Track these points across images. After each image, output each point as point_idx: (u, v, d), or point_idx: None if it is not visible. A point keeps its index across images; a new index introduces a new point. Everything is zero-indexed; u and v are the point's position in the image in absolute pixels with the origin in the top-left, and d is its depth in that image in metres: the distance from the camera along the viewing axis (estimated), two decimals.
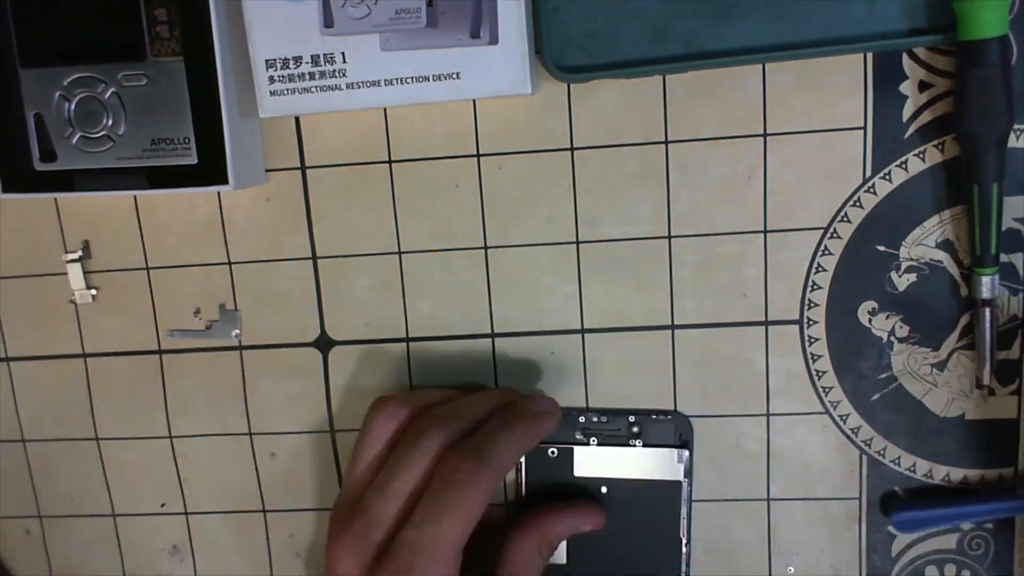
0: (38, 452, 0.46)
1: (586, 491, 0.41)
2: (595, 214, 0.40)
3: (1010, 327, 0.38)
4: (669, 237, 0.39)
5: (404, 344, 0.42)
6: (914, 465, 0.40)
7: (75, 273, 0.43)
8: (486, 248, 0.41)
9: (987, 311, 0.37)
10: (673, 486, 0.41)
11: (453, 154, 0.40)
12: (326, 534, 0.37)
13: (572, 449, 0.41)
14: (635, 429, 0.41)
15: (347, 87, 0.36)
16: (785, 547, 0.42)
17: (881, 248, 0.39)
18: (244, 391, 0.44)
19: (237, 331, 0.43)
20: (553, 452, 0.41)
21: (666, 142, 0.39)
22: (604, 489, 0.41)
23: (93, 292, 0.43)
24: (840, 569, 0.42)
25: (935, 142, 0.37)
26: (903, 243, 0.38)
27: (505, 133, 0.39)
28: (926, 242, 0.38)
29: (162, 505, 0.46)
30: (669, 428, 0.41)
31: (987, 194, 0.35)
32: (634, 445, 0.41)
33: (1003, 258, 0.38)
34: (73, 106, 0.38)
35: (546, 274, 0.40)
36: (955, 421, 0.40)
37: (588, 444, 0.41)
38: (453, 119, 0.40)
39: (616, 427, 0.41)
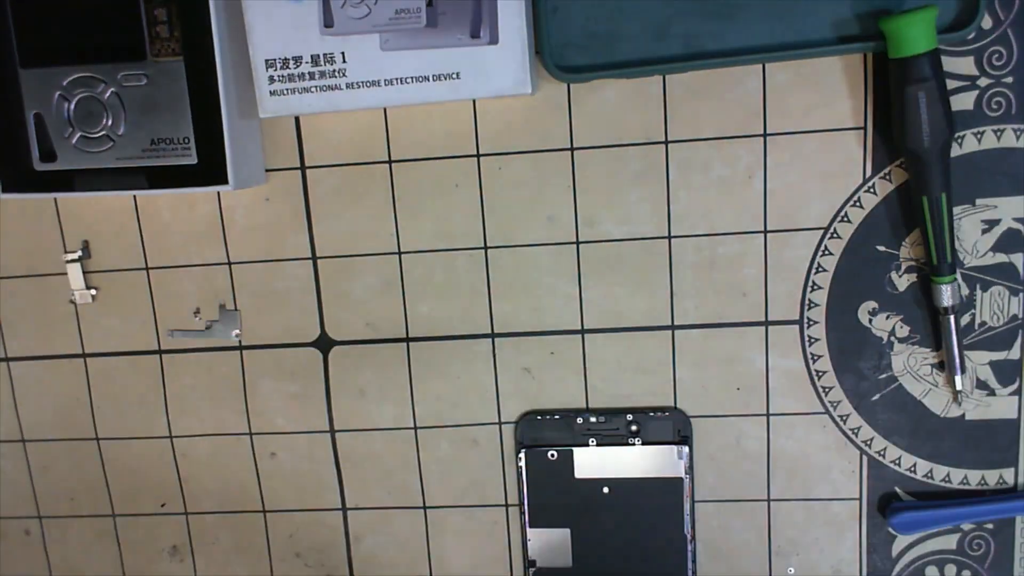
0: (38, 452, 0.46)
1: (587, 493, 0.41)
2: (595, 214, 0.40)
3: (1010, 327, 0.38)
4: (669, 237, 0.39)
5: (404, 344, 0.42)
6: (914, 465, 0.40)
7: (75, 273, 0.43)
8: (486, 248, 0.41)
9: (951, 318, 0.37)
10: (675, 483, 0.41)
11: (453, 154, 0.40)
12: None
13: (572, 451, 0.41)
14: (633, 427, 0.41)
15: (347, 87, 0.36)
16: (785, 547, 0.42)
17: (881, 248, 0.39)
18: (244, 391, 0.44)
19: (237, 331, 0.43)
20: (553, 455, 0.41)
21: (666, 142, 0.39)
22: (606, 490, 0.41)
23: (93, 292, 0.43)
24: (840, 569, 0.42)
25: None
26: (903, 243, 0.38)
27: (505, 133, 0.39)
28: None
29: (162, 505, 0.45)
30: (667, 425, 0.41)
31: (937, 206, 0.36)
32: (633, 444, 0.41)
33: (1003, 258, 0.38)
34: (73, 106, 0.38)
35: (546, 274, 0.40)
36: (955, 421, 0.40)
37: (587, 445, 0.41)
38: (453, 119, 0.40)
39: (615, 426, 0.41)
